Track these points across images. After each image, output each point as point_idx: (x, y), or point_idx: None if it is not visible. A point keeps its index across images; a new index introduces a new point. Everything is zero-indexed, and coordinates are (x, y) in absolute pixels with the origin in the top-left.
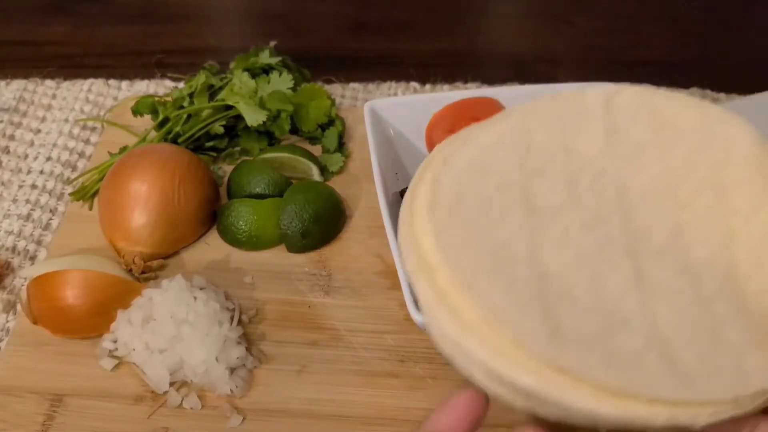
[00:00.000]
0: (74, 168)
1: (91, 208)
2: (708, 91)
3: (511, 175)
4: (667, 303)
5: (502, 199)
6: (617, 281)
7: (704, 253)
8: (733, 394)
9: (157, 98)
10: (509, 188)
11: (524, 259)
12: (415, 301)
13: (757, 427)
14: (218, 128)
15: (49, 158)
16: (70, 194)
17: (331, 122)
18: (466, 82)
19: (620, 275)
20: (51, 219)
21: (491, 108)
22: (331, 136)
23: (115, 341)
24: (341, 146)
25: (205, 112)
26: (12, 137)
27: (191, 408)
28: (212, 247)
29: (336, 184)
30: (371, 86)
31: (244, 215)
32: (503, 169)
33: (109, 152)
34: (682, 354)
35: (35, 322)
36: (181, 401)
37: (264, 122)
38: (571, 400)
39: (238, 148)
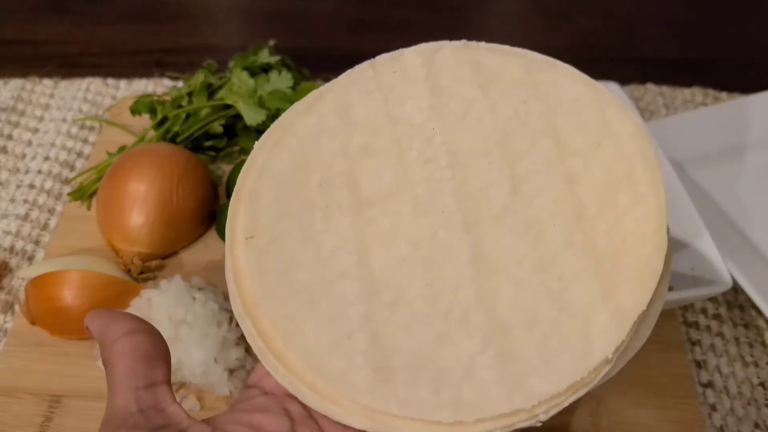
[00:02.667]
0: (72, 168)
1: (89, 208)
2: (710, 90)
3: (334, 165)
4: (507, 279)
5: (327, 197)
6: (454, 268)
7: (547, 201)
8: (570, 380)
9: (155, 97)
10: (334, 181)
11: (351, 271)
12: None
13: None
14: (217, 127)
15: (47, 158)
16: (69, 194)
17: None
18: None
19: (457, 260)
20: (49, 219)
21: None
22: None
23: None
24: None
25: (204, 112)
26: (10, 137)
27: (190, 409)
28: (211, 247)
29: None
30: None
31: None
32: (326, 159)
33: (107, 152)
34: (520, 343)
35: (33, 323)
36: (180, 402)
37: (263, 121)
38: None
39: (237, 148)
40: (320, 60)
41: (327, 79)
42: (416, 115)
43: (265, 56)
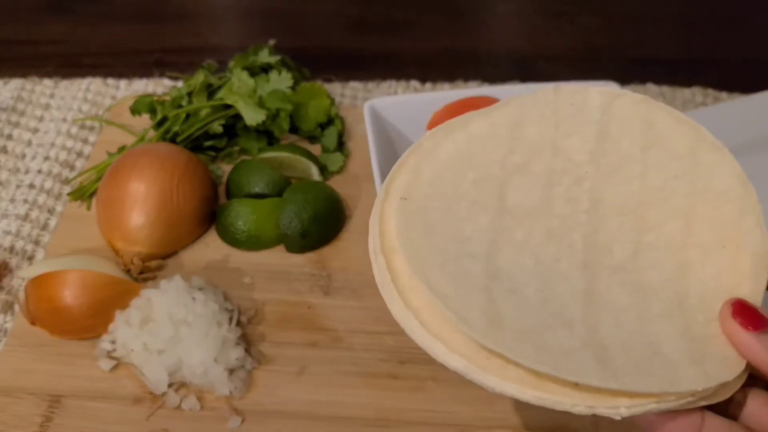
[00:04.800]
0: (72, 168)
1: (89, 208)
2: (710, 90)
3: (491, 170)
4: (611, 316)
5: (476, 194)
6: (567, 290)
7: (658, 277)
8: (658, 389)
9: (155, 97)
10: (486, 184)
11: (480, 256)
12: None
13: (702, 425)
14: (217, 127)
15: (47, 158)
16: (68, 194)
17: (330, 121)
18: (466, 80)
19: (571, 285)
20: (49, 219)
21: None
22: (330, 136)
23: (114, 342)
24: (341, 146)
25: (204, 112)
26: (10, 137)
27: (190, 409)
28: (211, 247)
29: (336, 183)
30: (371, 85)
31: (243, 215)
32: (486, 163)
33: (107, 152)
34: (616, 357)
35: (33, 323)
36: (180, 402)
37: (263, 121)
38: (496, 385)
39: (237, 148)
40: (320, 60)
41: (327, 80)
42: (576, 154)
43: (265, 56)
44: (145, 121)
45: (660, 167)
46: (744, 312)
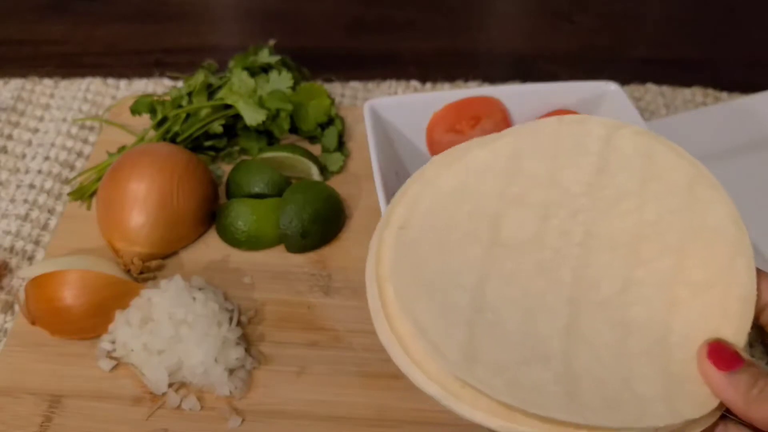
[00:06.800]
0: (72, 168)
1: (89, 208)
2: (710, 90)
3: (488, 202)
4: (589, 351)
5: (471, 226)
6: (549, 324)
7: (644, 313)
8: (620, 424)
9: (155, 97)
10: (481, 216)
11: (469, 288)
12: None
13: None
14: (217, 127)
15: (47, 158)
16: (69, 194)
17: (330, 121)
18: (466, 80)
19: (554, 320)
20: (49, 219)
21: (492, 107)
22: (330, 136)
23: (114, 342)
24: (341, 146)
25: (204, 112)
26: (10, 137)
27: (190, 409)
28: (211, 247)
29: (336, 183)
30: (371, 85)
31: (243, 215)
32: (483, 194)
33: (107, 152)
34: (586, 392)
35: (33, 323)
36: (180, 402)
37: (263, 121)
38: (466, 413)
39: (237, 148)
40: (320, 60)
41: (327, 80)
42: (574, 186)
43: (265, 56)
44: (145, 121)
45: (657, 201)
46: (719, 352)
